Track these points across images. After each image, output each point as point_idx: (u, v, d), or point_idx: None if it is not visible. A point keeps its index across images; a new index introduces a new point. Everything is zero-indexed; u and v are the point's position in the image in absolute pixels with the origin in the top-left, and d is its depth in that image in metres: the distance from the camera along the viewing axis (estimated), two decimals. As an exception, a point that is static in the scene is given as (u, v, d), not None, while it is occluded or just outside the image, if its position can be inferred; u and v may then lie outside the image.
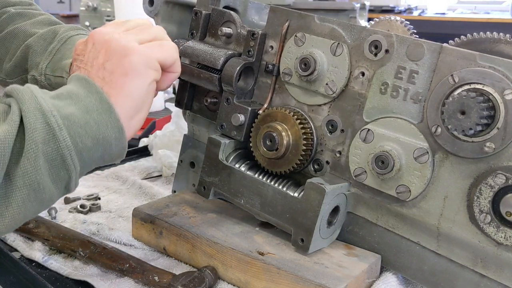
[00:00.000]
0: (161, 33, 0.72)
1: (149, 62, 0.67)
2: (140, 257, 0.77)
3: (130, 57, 0.66)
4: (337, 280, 0.67)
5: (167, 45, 0.71)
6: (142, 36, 0.69)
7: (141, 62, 0.66)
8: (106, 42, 0.67)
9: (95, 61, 0.67)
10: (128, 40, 0.67)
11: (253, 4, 0.88)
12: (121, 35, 0.68)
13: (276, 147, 0.77)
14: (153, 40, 0.70)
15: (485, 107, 0.61)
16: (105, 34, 0.68)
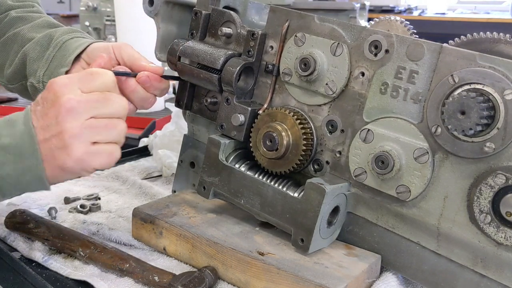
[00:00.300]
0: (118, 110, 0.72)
1: (86, 167, 0.70)
2: (140, 257, 0.77)
3: (70, 150, 0.68)
4: (337, 280, 0.67)
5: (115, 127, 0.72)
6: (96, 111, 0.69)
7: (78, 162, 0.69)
8: (57, 105, 0.68)
9: (45, 116, 0.68)
10: (74, 127, 0.67)
11: (253, 4, 0.88)
12: (73, 109, 0.67)
13: (276, 147, 0.77)
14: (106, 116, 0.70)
15: (485, 107, 0.61)
16: (60, 95, 0.68)
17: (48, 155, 0.68)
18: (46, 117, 0.68)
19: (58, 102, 0.68)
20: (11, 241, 0.84)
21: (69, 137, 0.67)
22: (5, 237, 0.85)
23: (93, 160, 0.70)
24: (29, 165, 0.68)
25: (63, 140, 0.67)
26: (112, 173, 1.16)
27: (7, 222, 0.85)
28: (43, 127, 0.68)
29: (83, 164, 0.69)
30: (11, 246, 0.83)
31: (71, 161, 0.68)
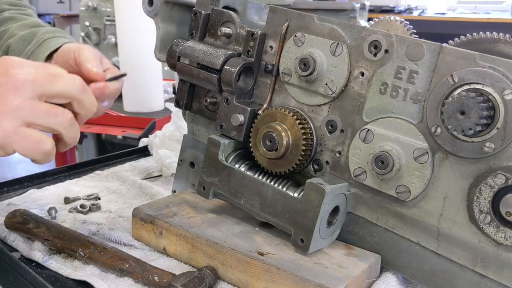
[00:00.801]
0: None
1: (6, 146, 0.65)
2: (140, 257, 0.77)
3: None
4: (337, 280, 0.67)
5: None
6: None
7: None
8: (5, 77, 0.65)
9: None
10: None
11: (253, 4, 0.88)
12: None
13: (275, 147, 0.77)
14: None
15: (485, 107, 0.61)
16: (10, 68, 0.66)
17: None
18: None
19: (7, 74, 0.65)
20: (11, 241, 0.84)
21: (3, 111, 0.64)
22: (5, 237, 0.85)
23: (16, 141, 0.65)
24: None
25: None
26: (112, 173, 1.16)
27: (7, 222, 0.85)
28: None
29: (5, 141, 0.65)
30: (11, 246, 0.83)
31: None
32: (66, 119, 0.68)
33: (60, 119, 0.67)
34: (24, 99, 0.65)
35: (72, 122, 0.69)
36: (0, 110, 0.64)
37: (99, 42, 2.51)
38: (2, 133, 0.64)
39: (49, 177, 1.13)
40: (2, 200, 0.98)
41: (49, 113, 0.66)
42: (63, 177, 1.14)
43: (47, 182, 1.10)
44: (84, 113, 0.72)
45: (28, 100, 0.65)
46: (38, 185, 1.08)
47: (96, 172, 1.17)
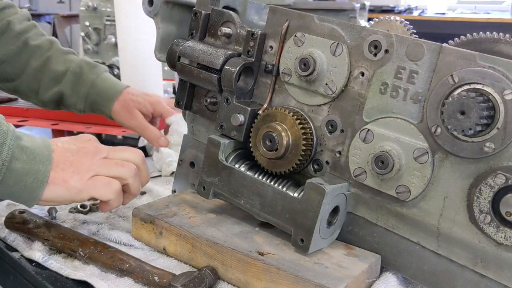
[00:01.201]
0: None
1: (84, 190, 0.76)
2: (140, 257, 0.77)
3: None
4: (337, 280, 0.67)
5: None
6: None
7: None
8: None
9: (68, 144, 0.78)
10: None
11: (253, 4, 0.88)
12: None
13: (275, 147, 0.77)
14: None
15: (485, 107, 0.61)
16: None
17: (58, 166, 0.74)
18: (68, 144, 0.78)
19: (88, 141, 0.81)
20: (11, 241, 0.84)
21: (82, 168, 0.76)
22: (5, 237, 0.85)
23: (91, 187, 0.76)
24: (37, 169, 0.72)
25: (76, 163, 0.76)
26: (112, 173, 1.16)
27: (7, 222, 0.85)
28: (62, 149, 0.77)
29: (82, 188, 0.75)
30: (11, 246, 0.83)
31: (76, 179, 0.75)
32: (132, 169, 0.81)
33: (127, 169, 0.80)
34: (98, 159, 0.78)
35: (136, 173, 0.81)
36: (80, 168, 0.76)
37: (99, 42, 2.51)
38: (80, 183, 0.75)
39: (49, 177, 1.13)
40: (2, 200, 0.98)
41: (117, 164, 0.79)
42: (63, 177, 1.14)
43: (47, 182, 1.10)
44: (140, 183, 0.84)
45: (101, 158, 0.79)
46: (38, 185, 1.08)
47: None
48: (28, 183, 0.71)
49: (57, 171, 0.74)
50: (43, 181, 0.72)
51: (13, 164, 0.70)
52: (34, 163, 0.71)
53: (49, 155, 0.73)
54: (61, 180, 0.74)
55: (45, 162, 0.72)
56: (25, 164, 0.71)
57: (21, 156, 0.71)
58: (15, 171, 0.70)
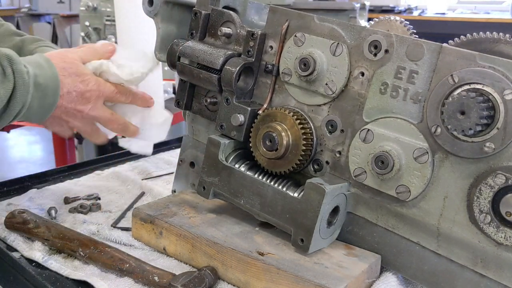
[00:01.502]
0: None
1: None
2: (140, 257, 0.77)
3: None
4: (337, 280, 0.67)
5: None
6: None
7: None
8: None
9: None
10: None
11: (253, 4, 0.88)
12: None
13: (275, 147, 0.77)
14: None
15: (485, 107, 0.61)
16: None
17: (65, 97, 0.89)
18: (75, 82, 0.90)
19: (91, 83, 0.92)
20: (11, 241, 0.84)
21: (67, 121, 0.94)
22: (5, 237, 0.85)
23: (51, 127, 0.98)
24: (48, 102, 0.86)
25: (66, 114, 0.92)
26: (112, 173, 1.16)
27: (7, 222, 0.85)
28: (70, 83, 0.89)
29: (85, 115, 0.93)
30: (11, 246, 0.83)
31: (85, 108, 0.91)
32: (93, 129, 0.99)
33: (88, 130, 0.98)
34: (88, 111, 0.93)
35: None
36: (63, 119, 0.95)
37: (99, 42, 2.51)
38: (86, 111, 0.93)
39: (49, 177, 1.13)
40: (2, 200, 0.98)
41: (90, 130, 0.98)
42: (63, 177, 1.14)
43: (47, 182, 1.10)
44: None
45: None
46: (38, 185, 1.08)
47: (96, 172, 1.17)
48: (41, 113, 0.86)
49: (52, 116, 0.90)
50: (51, 109, 0.88)
51: (32, 103, 0.83)
52: (46, 98, 0.85)
53: (57, 90, 0.87)
54: (45, 124, 0.96)
55: (54, 95, 0.86)
56: (39, 100, 0.84)
57: (37, 93, 0.83)
58: (32, 108, 0.84)
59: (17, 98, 0.81)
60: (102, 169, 1.19)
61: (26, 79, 0.81)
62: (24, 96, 0.82)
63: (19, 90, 0.81)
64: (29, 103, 0.83)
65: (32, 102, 0.83)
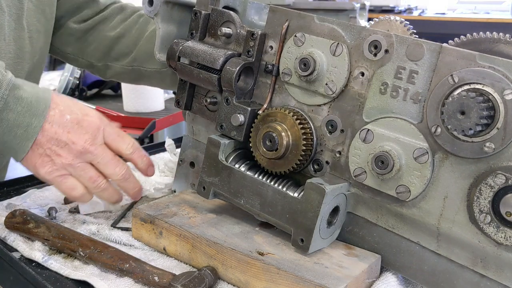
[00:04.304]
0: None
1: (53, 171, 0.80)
2: (140, 257, 0.77)
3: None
4: (337, 280, 0.67)
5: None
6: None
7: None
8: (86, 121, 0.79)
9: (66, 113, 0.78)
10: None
11: (253, 4, 0.88)
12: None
13: (275, 147, 0.77)
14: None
15: (485, 107, 0.61)
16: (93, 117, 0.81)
17: (56, 118, 0.75)
18: (70, 107, 0.77)
19: (91, 113, 0.80)
20: (11, 241, 0.84)
21: (63, 157, 0.78)
22: (5, 237, 0.85)
23: (58, 185, 0.81)
24: (29, 122, 0.72)
25: (61, 144, 0.76)
26: (112, 173, 1.16)
27: (7, 222, 0.85)
28: (60, 111, 0.76)
29: (51, 180, 0.79)
30: (11, 246, 0.83)
31: (47, 170, 0.77)
32: (108, 183, 0.84)
33: (103, 183, 0.84)
34: (88, 145, 0.79)
35: (108, 187, 0.85)
36: (59, 158, 0.78)
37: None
38: (49, 176, 0.80)
39: (49, 177, 1.13)
40: (2, 200, 0.98)
41: (96, 175, 0.82)
42: (63, 177, 1.14)
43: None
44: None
45: (89, 151, 0.80)
46: (38, 185, 1.08)
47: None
48: (18, 134, 0.71)
49: (38, 145, 0.74)
50: (33, 135, 0.72)
51: (5, 114, 0.70)
52: (27, 116, 0.71)
53: (44, 110, 0.73)
54: (33, 163, 0.76)
55: (39, 116, 0.72)
56: (18, 115, 0.70)
57: (15, 107, 0.70)
58: (6, 120, 0.70)
59: None
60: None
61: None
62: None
63: None
64: (0, 113, 0.70)
65: (5, 113, 0.70)
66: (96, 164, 0.81)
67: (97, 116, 0.80)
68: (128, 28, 1.17)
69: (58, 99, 0.76)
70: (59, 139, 0.76)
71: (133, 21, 1.17)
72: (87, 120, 0.78)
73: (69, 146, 0.77)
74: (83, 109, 0.79)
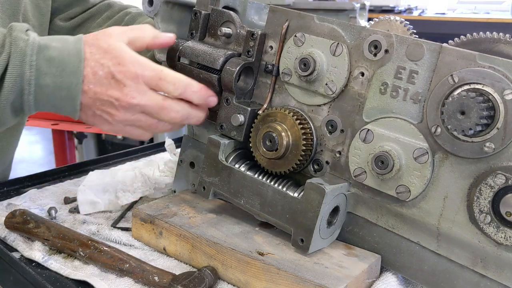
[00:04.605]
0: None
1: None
2: (140, 257, 0.77)
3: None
4: (337, 280, 0.67)
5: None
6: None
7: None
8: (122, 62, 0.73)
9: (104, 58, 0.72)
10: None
11: (253, 4, 0.88)
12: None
13: (275, 147, 0.77)
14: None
15: (485, 107, 0.61)
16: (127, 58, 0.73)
17: (90, 78, 0.69)
18: (104, 58, 0.71)
19: (125, 60, 0.72)
20: (11, 241, 0.84)
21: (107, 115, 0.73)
22: (5, 237, 0.85)
23: (121, 131, 0.76)
24: (68, 82, 0.68)
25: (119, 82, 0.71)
26: (112, 173, 1.16)
27: (7, 222, 0.85)
28: (97, 60, 0.70)
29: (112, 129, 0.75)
30: (11, 246, 0.83)
31: (101, 125, 0.74)
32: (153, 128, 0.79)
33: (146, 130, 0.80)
34: (126, 101, 0.74)
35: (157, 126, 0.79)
36: (103, 117, 0.75)
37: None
38: (107, 127, 0.77)
39: (49, 177, 1.13)
40: (2, 200, 0.98)
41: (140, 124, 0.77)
42: (63, 177, 1.14)
43: (47, 182, 1.10)
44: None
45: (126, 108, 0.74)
46: (38, 185, 1.08)
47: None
48: (63, 96, 0.69)
49: (85, 107, 0.71)
50: (77, 93, 0.69)
51: (42, 80, 0.67)
52: (65, 76, 0.68)
53: (79, 64, 0.69)
54: (91, 122, 0.74)
55: (76, 73, 0.68)
56: (55, 77, 0.67)
57: (49, 69, 0.67)
58: (45, 86, 0.67)
59: (9, 69, 0.66)
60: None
61: (20, 46, 0.66)
62: (18, 67, 0.66)
63: (12, 60, 0.66)
64: (36, 79, 0.67)
65: (41, 79, 0.67)
66: (149, 114, 0.76)
67: (132, 63, 0.72)
68: (114, 25, 1.14)
69: (88, 50, 0.71)
70: (101, 99, 0.72)
71: (119, 18, 1.15)
72: (121, 70, 0.71)
73: (113, 104, 0.72)
74: (115, 57, 0.72)
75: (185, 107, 0.77)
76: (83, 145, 2.94)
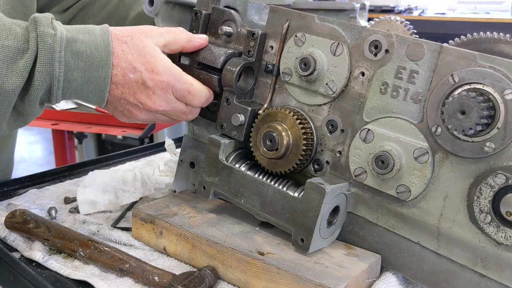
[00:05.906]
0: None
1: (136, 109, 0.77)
2: (140, 257, 0.77)
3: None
4: (337, 280, 0.67)
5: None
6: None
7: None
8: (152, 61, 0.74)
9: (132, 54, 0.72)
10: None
11: (253, 4, 0.88)
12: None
13: (276, 147, 0.77)
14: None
15: (485, 107, 0.61)
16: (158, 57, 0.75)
17: (120, 79, 0.71)
18: (134, 54, 0.71)
19: (158, 68, 0.73)
20: (11, 241, 0.84)
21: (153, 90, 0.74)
22: (5, 237, 0.85)
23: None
24: (96, 76, 0.69)
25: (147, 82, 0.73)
26: (112, 173, 1.16)
27: (7, 222, 0.85)
28: (129, 62, 0.71)
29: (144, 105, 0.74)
30: (11, 246, 0.83)
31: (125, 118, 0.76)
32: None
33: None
34: (153, 103, 0.76)
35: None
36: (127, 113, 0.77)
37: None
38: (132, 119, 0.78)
39: (49, 177, 1.13)
40: (2, 200, 0.98)
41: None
42: (63, 177, 1.14)
43: (47, 182, 1.10)
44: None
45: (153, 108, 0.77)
46: (38, 185, 1.08)
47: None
48: (90, 90, 0.70)
49: (110, 102, 0.73)
50: (105, 86, 0.70)
51: (70, 75, 0.67)
52: (93, 70, 0.68)
53: (107, 58, 0.69)
54: (115, 114, 0.77)
55: (104, 66, 0.69)
56: (84, 72, 0.68)
57: (77, 64, 0.67)
58: (73, 81, 0.68)
59: (38, 67, 0.65)
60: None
61: (48, 43, 0.65)
62: (47, 65, 0.66)
63: (40, 57, 0.66)
64: (64, 75, 0.67)
65: (70, 74, 0.68)
66: (169, 116, 0.80)
67: (165, 72, 0.73)
68: (110, 15, 1.13)
69: (119, 48, 0.71)
70: (127, 99, 0.74)
71: (113, 7, 1.12)
72: (153, 78, 0.72)
73: (138, 106, 0.74)
74: (148, 62, 0.72)
75: (198, 110, 0.84)
76: (83, 145, 2.94)
